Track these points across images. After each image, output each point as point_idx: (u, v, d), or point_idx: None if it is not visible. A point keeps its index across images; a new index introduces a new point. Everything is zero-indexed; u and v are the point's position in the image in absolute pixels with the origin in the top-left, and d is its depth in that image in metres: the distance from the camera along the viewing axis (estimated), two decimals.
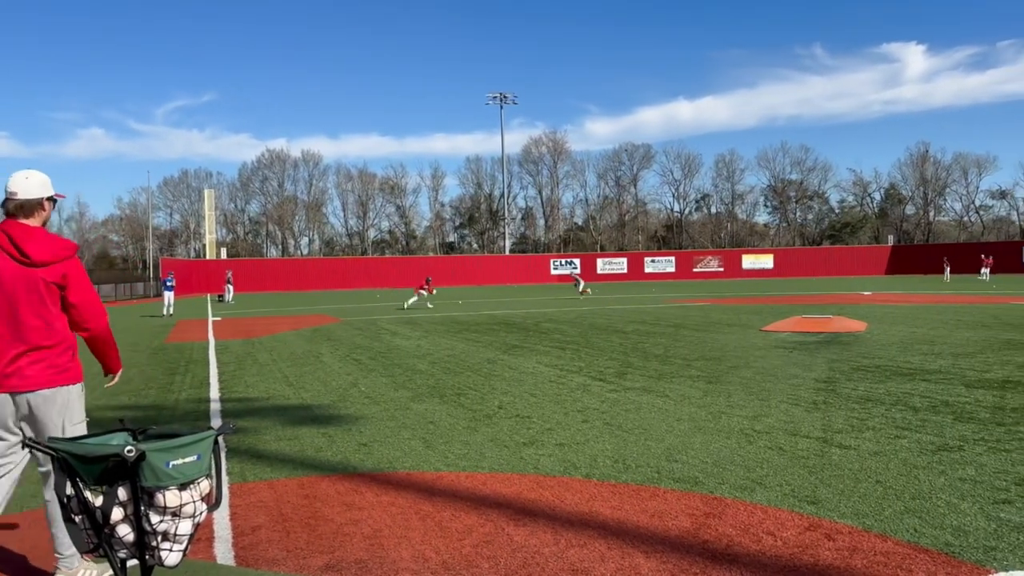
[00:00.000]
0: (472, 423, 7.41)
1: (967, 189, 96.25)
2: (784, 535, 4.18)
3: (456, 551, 4.06)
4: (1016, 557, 3.75)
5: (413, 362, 12.36)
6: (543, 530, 4.35)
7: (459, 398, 8.84)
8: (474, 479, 5.46)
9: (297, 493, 5.23)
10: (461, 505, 4.85)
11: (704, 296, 35.14)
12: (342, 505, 4.92)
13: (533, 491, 5.11)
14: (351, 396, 9.20)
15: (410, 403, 8.60)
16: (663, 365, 11.21)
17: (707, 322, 19.22)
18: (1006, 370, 9.83)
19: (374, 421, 7.62)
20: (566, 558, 3.92)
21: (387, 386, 9.90)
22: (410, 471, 5.73)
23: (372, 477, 5.59)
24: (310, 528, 4.50)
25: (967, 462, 5.52)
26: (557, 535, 4.26)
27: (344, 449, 6.47)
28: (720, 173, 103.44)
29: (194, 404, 9.08)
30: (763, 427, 6.87)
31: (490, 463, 5.89)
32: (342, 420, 7.74)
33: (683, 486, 5.15)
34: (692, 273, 73.47)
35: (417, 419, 7.67)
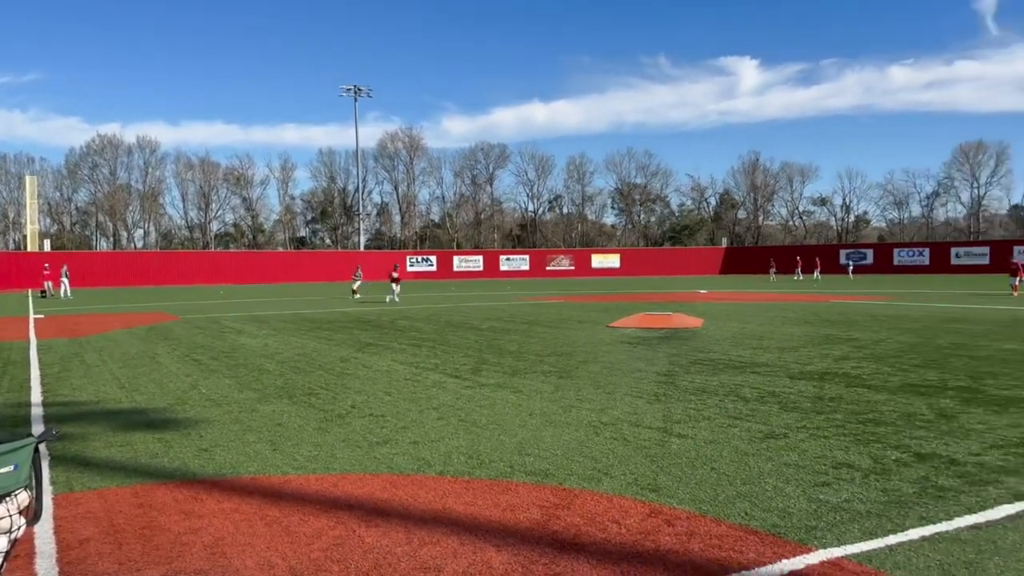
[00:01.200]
0: (323, 424, 7.21)
1: (792, 196, 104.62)
2: (628, 523, 4.36)
3: (304, 556, 3.93)
4: (833, 535, 4.11)
5: (260, 362, 11.86)
6: (395, 530, 4.30)
7: (310, 398, 8.58)
8: (324, 481, 5.31)
9: (130, 502, 4.87)
10: (310, 509, 4.71)
11: (556, 294, 36.11)
12: (180, 513, 4.64)
13: (386, 491, 5.04)
14: (191, 399, 8.70)
15: (256, 404, 8.25)
16: (517, 361, 11.40)
17: (559, 319, 19.75)
18: (824, 363, 10.77)
19: (216, 424, 7.25)
20: (418, 557, 3.89)
21: (231, 387, 9.44)
22: (255, 475, 5.49)
23: (214, 483, 5.31)
24: (145, 539, 4.21)
25: (791, 448, 5.99)
26: (410, 534, 4.22)
27: (183, 455, 6.11)
28: (571, 175, 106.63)
29: (12, 409, 8.26)
30: (609, 419, 7.14)
31: (342, 464, 5.76)
32: (180, 424, 7.30)
33: (534, 479, 5.26)
34: (545, 271, 75.28)
35: (264, 421, 7.37)
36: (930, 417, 7.04)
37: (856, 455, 5.74)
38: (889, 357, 11.23)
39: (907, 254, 69.28)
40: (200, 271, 63.61)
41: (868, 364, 10.53)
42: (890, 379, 9.24)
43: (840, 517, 4.37)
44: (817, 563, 3.74)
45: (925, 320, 17.67)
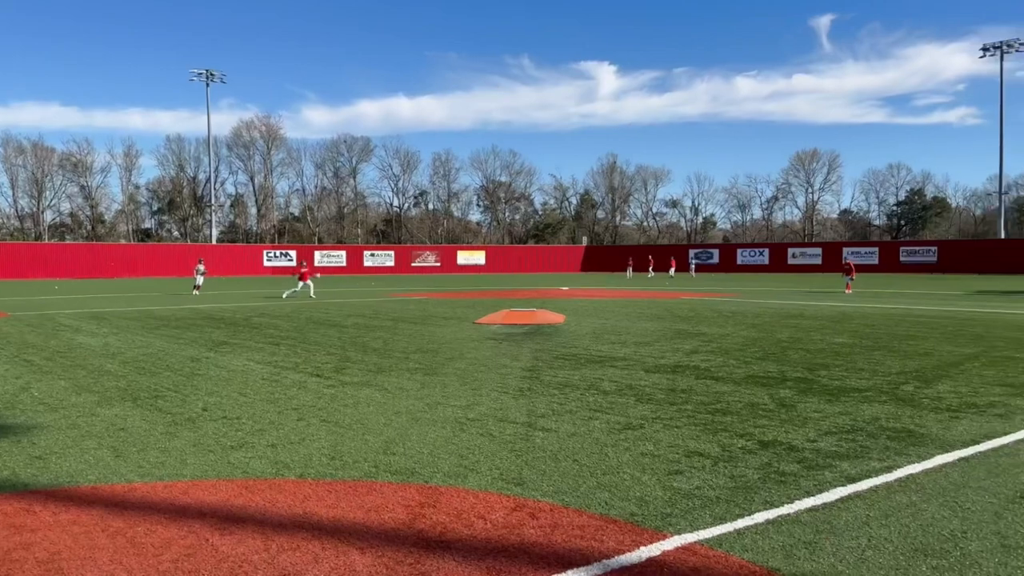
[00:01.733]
0: (171, 428, 6.79)
1: (646, 198, 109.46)
2: (493, 517, 4.39)
3: (152, 568, 3.68)
4: (686, 521, 4.32)
5: (100, 362, 11.03)
6: (252, 537, 4.11)
7: (156, 401, 8.06)
8: (173, 488, 5.00)
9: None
10: (158, 518, 4.42)
11: (422, 290, 35.91)
12: (9, 528, 4.22)
13: (241, 496, 4.82)
14: (21, 403, 7.96)
15: (96, 408, 7.66)
16: (382, 359, 11.23)
17: (425, 315, 19.65)
18: (676, 356, 11.32)
19: (51, 430, 6.66)
20: (277, 564, 3.74)
21: (67, 390, 8.72)
22: (96, 484, 5.09)
23: (49, 494, 4.87)
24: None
25: (647, 438, 6.25)
26: (268, 540, 4.05)
27: (12, 463, 5.57)
28: (437, 171, 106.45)
29: None
30: (475, 415, 7.17)
31: (192, 470, 5.44)
32: (10, 430, 6.65)
33: (400, 478, 5.19)
34: (411, 267, 74.71)
35: (105, 426, 6.85)
36: (771, 407, 7.55)
37: (706, 444, 6.06)
38: (734, 351, 11.95)
39: (749, 254, 74.09)
40: (32, 264, 58.36)
41: (716, 357, 11.17)
42: (735, 371, 9.84)
43: (692, 504, 4.60)
44: (672, 549, 3.92)
45: (766, 316, 18.96)
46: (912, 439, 6.16)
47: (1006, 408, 7.35)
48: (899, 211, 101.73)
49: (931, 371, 9.73)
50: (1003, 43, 65.38)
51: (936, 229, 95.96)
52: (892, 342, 12.97)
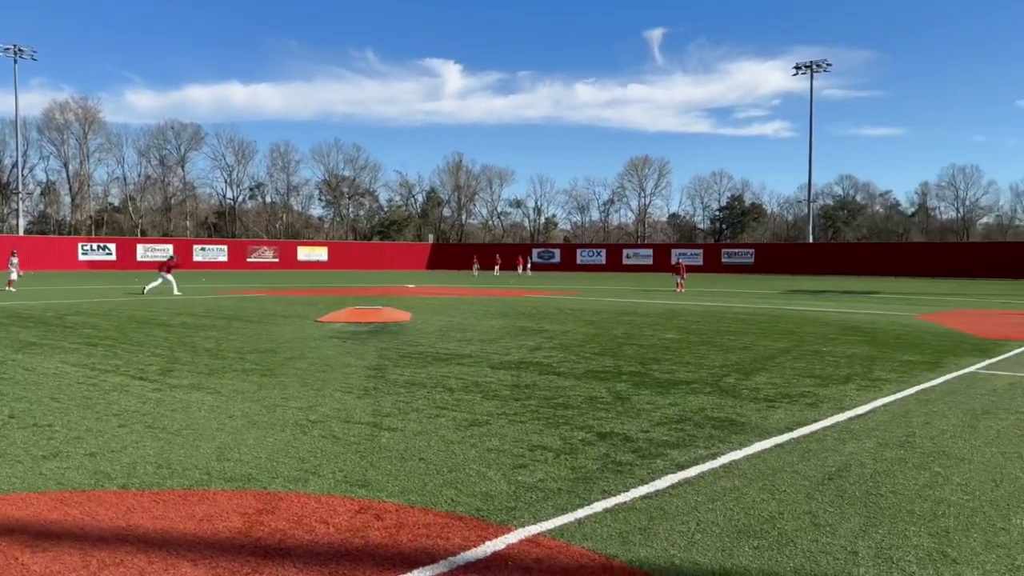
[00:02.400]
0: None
1: (491, 197, 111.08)
2: (336, 521, 4.28)
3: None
4: (530, 514, 4.41)
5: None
6: (69, 553, 3.76)
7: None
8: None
9: None
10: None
11: (259, 287, 34.40)
12: None
13: (56, 510, 4.40)
14: None
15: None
16: (215, 360, 10.65)
17: (262, 314, 18.84)
18: (521, 353, 11.56)
19: None
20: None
21: None
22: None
23: None
24: None
25: (493, 434, 6.33)
26: (87, 556, 3.73)
27: None
28: (275, 163, 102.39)
29: None
30: (318, 416, 6.96)
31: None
32: None
33: (235, 485, 4.94)
34: (246, 263, 71.34)
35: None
36: (609, 400, 7.88)
37: (549, 437, 6.23)
38: (574, 346, 12.37)
39: (588, 254, 77.03)
40: None
41: (557, 353, 11.51)
42: (576, 366, 10.18)
43: (536, 496, 4.71)
44: (517, 542, 3.99)
45: (603, 313, 19.78)
46: (734, 427, 6.64)
47: (815, 397, 8.09)
48: (721, 216, 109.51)
49: (750, 364, 10.54)
50: (813, 63, 71.95)
51: (753, 233, 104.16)
52: (715, 337, 13.93)
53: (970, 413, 7.35)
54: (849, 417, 7.12)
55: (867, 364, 10.57)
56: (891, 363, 10.70)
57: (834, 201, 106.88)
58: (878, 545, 3.98)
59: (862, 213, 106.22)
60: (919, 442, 6.18)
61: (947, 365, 10.55)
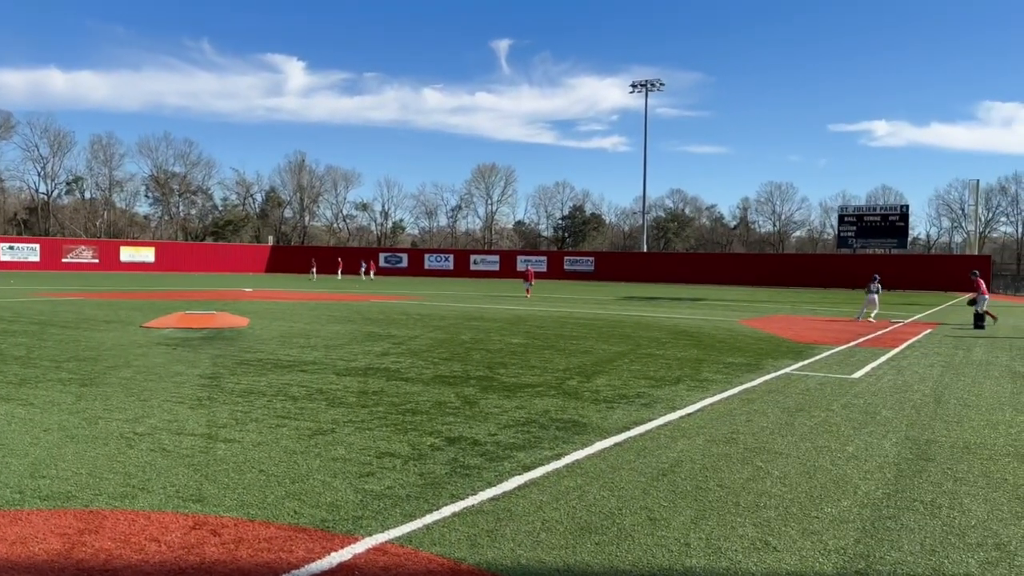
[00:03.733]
0: None
1: (337, 199, 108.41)
2: (168, 539, 4.03)
3: None
4: (377, 522, 4.35)
5: None
6: None
7: None
8: None
9: None
10: None
11: (76, 290, 31.62)
12: None
13: None
14: None
15: None
16: (25, 368, 9.68)
17: (80, 318, 17.34)
18: (368, 359, 11.37)
19: None
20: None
21: None
22: None
23: None
24: None
25: (338, 443, 6.18)
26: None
27: None
28: (96, 156, 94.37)
29: None
30: (145, 429, 6.51)
31: None
32: None
33: (53, 504, 4.52)
34: (61, 264, 65.38)
35: None
36: (457, 404, 7.93)
37: (397, 443, 6.17)
38: (423, 352, 12.34)
39: (436, 259, 77.05)
40: None
41: (405, 359, 11.43)
42: (424, 372, 10.16)
43: (384, 504, 4.65)
44: (364, 551, 3.92)
45: (451, 318, 19.86)
46: (576, 428, 6.88)
47: (650, 398, 8.54)
48: (564, 224, 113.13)
49: (591, 367, 10.96)
50: (648, 82, 75.97)
51: (593, 242, 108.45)
52: (559, 342, 14.37)
53: (787, 411, 8.03)
54: (680, 416, 7.58)
55: (696, 366, 11.30)
56: (717, 365, 11.49)
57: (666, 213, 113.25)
58: (708, 536, 4.26)
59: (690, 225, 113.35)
60: (743, 438, 6.68)
61: (766, 367, 11.48)
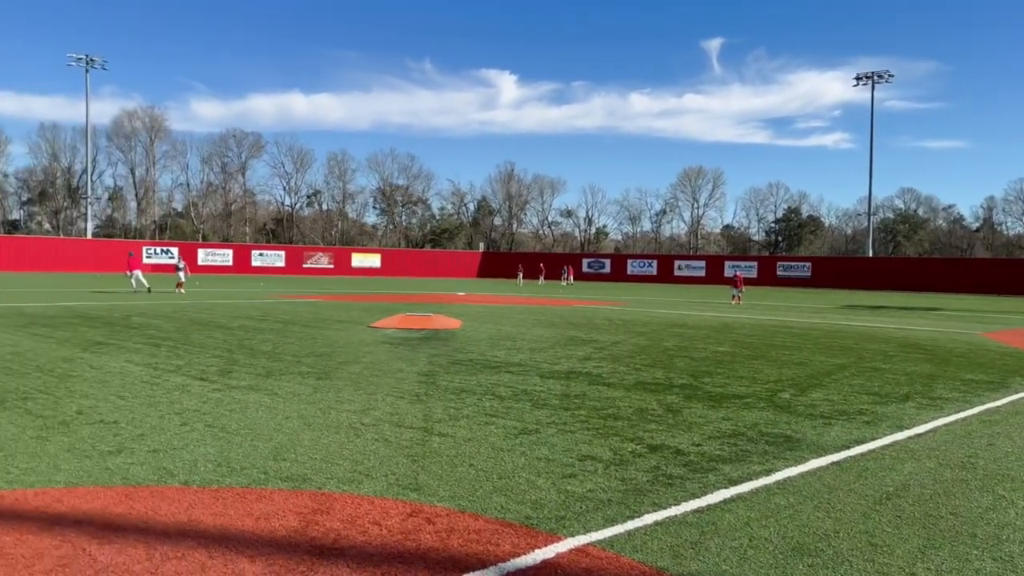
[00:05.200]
0: (43, 432, 6.36)
1: (543, 206, 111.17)
2: (389, 523, 4.35)
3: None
4: (580, 524, 4.42)
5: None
6: (134, 546, 3.91)
7: (25, 403, 7.53)
8: (46, 496, 4.69)
9: None
10: (29, 527, 4.13)
11: (314, 292, 35.06)
12: None
13: (121, 504, 4.57)
14: None
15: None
16: (272, 362, 10.90)
17: (318, 318, 19.20)
18: (570, 363, 11.55)
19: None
20: (161, 573, 3.58)
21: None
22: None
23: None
24: None
25: (542, 443, 6.35)
26: (151, 549, 3.87)
27: None
28: (332, 171, 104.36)
29: None
30: (370, 420, 7.08)
31: (67, 476, 5.12)
32: None
33: (291, 484, 5.07)
34: (302, 269, 72.79)
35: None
36: (659, 412, 7.83)
37: (599, 447, 6.22)
38: (625, 357, 12.31)
39: (638, 265, 76.43)
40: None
41: (607, 364, 11.47)
42: (626, 377, 10.13)
43: (586, 506, 4.71)
44: (566, 551, 4.00)
45: (653, 324, 19.62)
46: (789, 444, 6.53)
47: (873, 415, 7.90)
48: (777, 228, 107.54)
49: (805, 380, 10.34)
50: (874, 74, 70.34)
51: (810, 246, 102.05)
52: (770, 352, 13.69)
53: None
54: (908, 436, 6.94)
55: (928, 382, 10.28)
56: (953, 382, 10.37)
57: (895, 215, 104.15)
58: (938, 568, 3.88)
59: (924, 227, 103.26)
60: (982, 464, 5.99)
61: (1013, 385, 10.19)
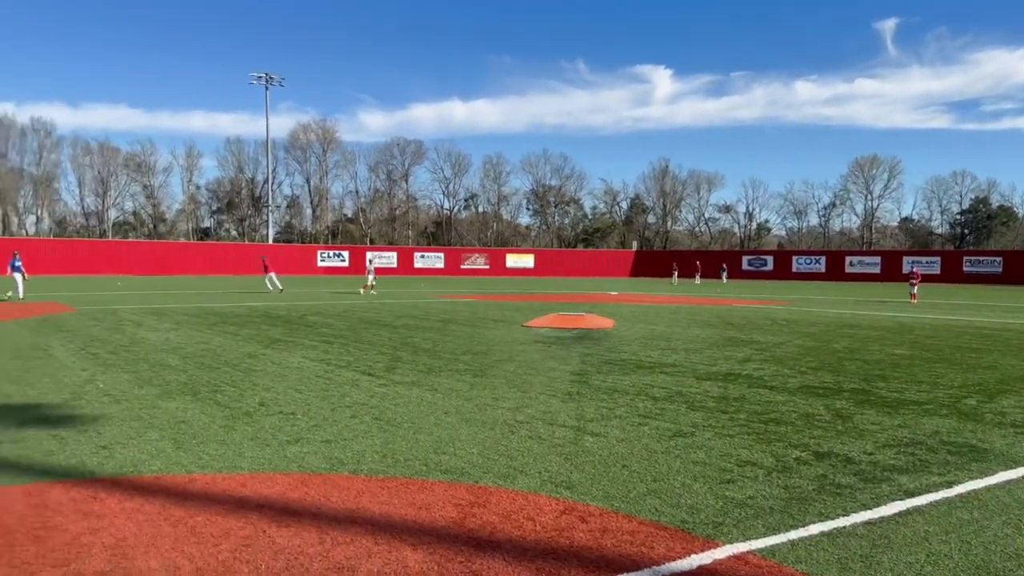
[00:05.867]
0: (230, 421, 6.98)
1: (699, 203, 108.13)
2: (542, 520, 4.41)
3: (212, 557, 3.80)
4: (738, 530, 4.27)
5: (162, 356, 11.38)
6: (307, 530, 4.20)
7: (215, 395, 8.29)
8: (231, 480, 5.14)
9: (22, 502, 4.59)
10: (217, 508, 4.55)
11: (471, 292, 36.11)
12: (78, 513, 4.40)
13: (297, 490, 4.93)
14: (87, 394, 8.27)
15: (158, 401, 7.91)
16: (432, 359, 11.34)
17: (474, 317, 19.76)
18: (728, 364, 11.17)
19: (115, 421, 6.91)
20: (331, 557, 3.82)
21: (130, 383, 9.02)
22: (158, 474, 5.27)
23: (114, 482, 5.06)
24: (39, 540, 3.97)
25: (698, 446, 6.19)
26: (322, 534, 4.14)
27: (80, 452, 5.80)
28: (488, 174, 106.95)
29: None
30: (524, 417, 7.20)
31: (250, 463, 5.59)
32: (77, 420, 6.92)
33: (450, 477, 5.25)
34: (460, 269, 75.22)
35: (166, 418, 7.07)
36: (827, 417, 7.40)
37: (759, 453, 5.97)
38: (788, 359, 11.74)
39: (805, 261, 72.60)
40: (96, 260, 60.53)
41: (769, 366, 10.98)
42: (789, 380, 9.66)
43: (745, 513, 4.54)
44: (724, 558, 3.88)
45: (821, 325, 18.56)
46: (974, 454, 5.98)
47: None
48: (963, 220, 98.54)
49: (995, 385, 9.42)
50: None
51: (1001, 239, 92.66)
52: (954, 354, 12.58)
53: None
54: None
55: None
56: None
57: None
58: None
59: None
60: None
61: None
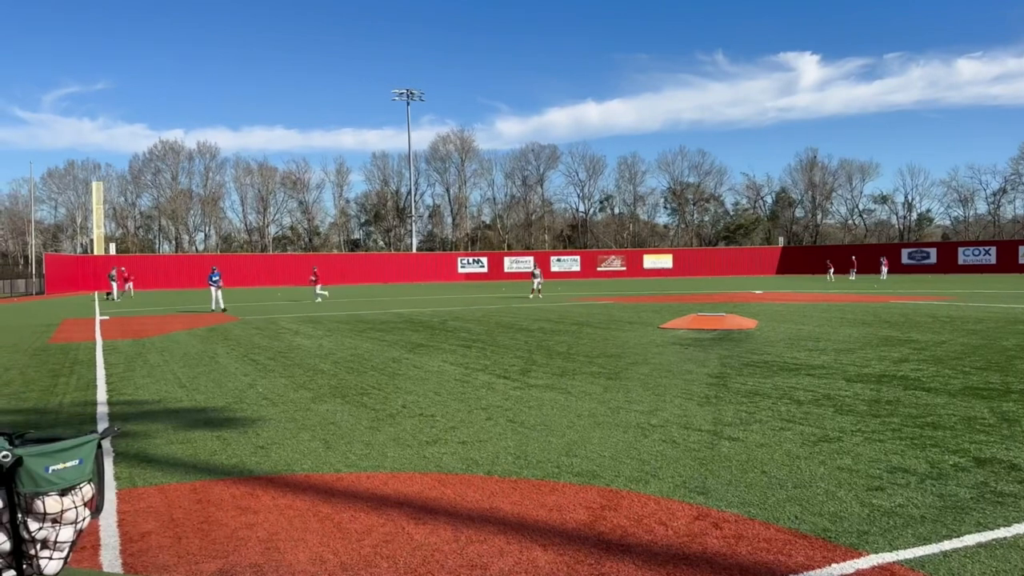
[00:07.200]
0: (375, 423, 7.35)
1: (852, 194, 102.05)
2: (675, 525, 4.35)
3: (355, 552, 4.03)
4: (886, 540, 4.04)
5: (315, 362, 12.13)
6: (443, 527, 4.37)
7: (362, 398, 8.75)
8: (375, 479, 5.43)
9: (189, 498, 5.06)
10: (361, 506, 4.82)
11: (607, 294, 35.93)
12: (236, 509, 4.80)
13: (435, 489, 5.13)
14: (248, 398, 8.96)
15: (311, 404, 8.45)
16: (566, 362, 11.41)
17: (609, 320, 19.68)
18: (883, 365, 10.51)
19: (272, 423, 7.45)
20: (465, 554, 3.96)
21: (287, 387, 9.68)
22: (309, 473, 5.64)
23: (269, 480, 5.47)
24: (203, 533, 4.37)
25: (845, 452, 5.88)
26: (457, 532, 4.29)
27: (240, 452, 6.30)
28: (623, 175, 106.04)
29: (80, 407, 8.62)
30: (658, 421, 7.11)
31: (392, 463, 5.87)
32: (238, 422, 7.52)
33: (581, 480, 5.28)
34: (596, 272, 74.97)
35: (318, 420, 7.54)
36: (992, 421, 6.82)
37: (912, 459, 5.60)
38: (950, 359, 10.89)
39: (972, 253, 66.92)
40: (259, 273, 65.21)
41: (928, 366, 10.24)
42: (951, 382, 8.97)
43: (894, 522, 4.29)
44: (868, 568, 3.68)
45: (989, 321, 17.07)
46: None
47: None
48: None
49: None
50: None
51: None
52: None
53: None
54: None
55: None
56: None
57: None
58: None
59: None
60: None
61: None
